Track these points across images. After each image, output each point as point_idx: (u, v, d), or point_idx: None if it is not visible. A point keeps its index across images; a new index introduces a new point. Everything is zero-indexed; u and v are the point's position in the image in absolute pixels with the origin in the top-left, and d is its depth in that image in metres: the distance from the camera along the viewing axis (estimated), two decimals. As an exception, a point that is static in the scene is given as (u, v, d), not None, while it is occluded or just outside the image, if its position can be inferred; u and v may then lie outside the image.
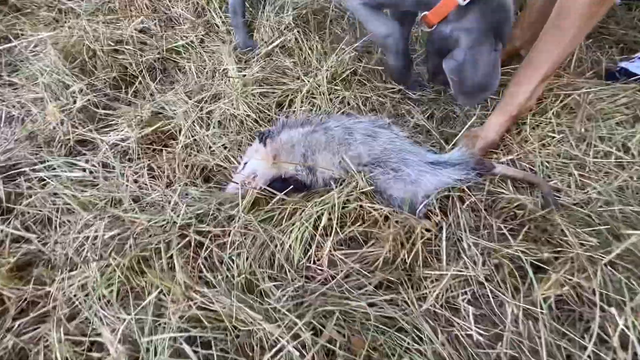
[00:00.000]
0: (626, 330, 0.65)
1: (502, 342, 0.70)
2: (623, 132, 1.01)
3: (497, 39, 0.89)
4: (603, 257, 0.79)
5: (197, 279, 0.75)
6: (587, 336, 0.69)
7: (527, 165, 0.99)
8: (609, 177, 0.96)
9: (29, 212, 0.89)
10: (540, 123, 1.05)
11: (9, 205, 0.91)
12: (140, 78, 1.20)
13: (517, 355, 0.69)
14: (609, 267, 0.76)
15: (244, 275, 0.72)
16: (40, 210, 0.89)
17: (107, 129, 1.10)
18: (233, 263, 0.74)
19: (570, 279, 0.75)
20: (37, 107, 1.12)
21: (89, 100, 1.12)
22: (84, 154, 1.03)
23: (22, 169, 0.97)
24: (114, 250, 0.78)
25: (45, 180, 0.93)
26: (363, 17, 1.04)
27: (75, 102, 1.11)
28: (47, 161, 0.99)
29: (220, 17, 1.41)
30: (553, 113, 1.05)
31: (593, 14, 0.84)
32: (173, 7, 1.45)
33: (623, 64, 1.23)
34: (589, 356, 0.66)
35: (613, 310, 0.66)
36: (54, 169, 0.98)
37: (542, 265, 0.80)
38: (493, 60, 0.91)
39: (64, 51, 1.21)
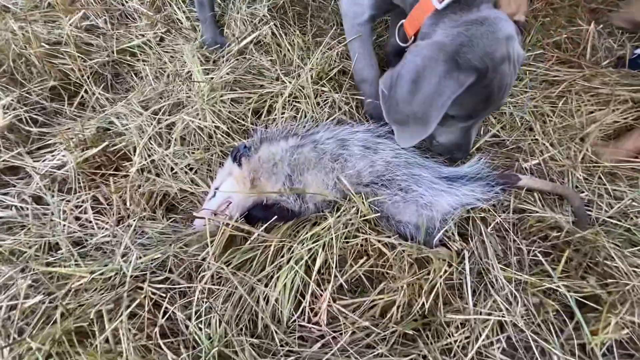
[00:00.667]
0: None
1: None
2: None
3: (464, 70, 0.61)
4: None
5: (154, 354, 0.56)
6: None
7: (551, 167, 0.84)
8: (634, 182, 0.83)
9: None
10: (564, 122, 0.90)
11: None
12: (85, 86, 0.99)
13: None
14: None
15: (216, 349, 0.53)
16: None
17: (44, 152, 0.89)
18: (201, 331, 0.56)
19: (630, 321, 0.60)
20: (-48, 128, 0.90)
21: (18, 116, 0.90)
22: (13, 186, 0.82)
23: None
24: (41, 321, 0.58)
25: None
26: (354, 48, 0.88)
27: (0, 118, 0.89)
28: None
29: (184, 12, 1.21)
30: (576, 112, 0.91)
31: None
32: (127, 2, 1.23)
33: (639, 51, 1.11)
34: None
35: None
36: (-28, 207, 0.77)
37: (587, 301, 0.65)
38: (446, 90, 0.62)
39: (-12, 57, 0.99)
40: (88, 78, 1.01)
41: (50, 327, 0.57)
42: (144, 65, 1.05)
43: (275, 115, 0.90)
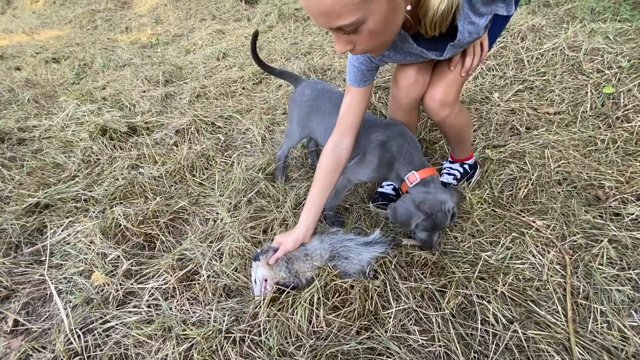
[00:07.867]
0: None
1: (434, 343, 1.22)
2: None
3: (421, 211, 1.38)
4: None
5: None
6: None
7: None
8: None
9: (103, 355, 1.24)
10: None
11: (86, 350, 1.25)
12: (161, 237, 1.70)
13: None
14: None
15: (276, 348, 1.17)
16: (118, 350, 1.25)
17: (146, 278, 1.53)
18: (263, 338, 1.19)
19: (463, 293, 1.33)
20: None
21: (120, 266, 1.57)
22: (138, 301, 1.44)
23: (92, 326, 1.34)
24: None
25: (114, 327, 1.31)
26: (337, 190, 1.62)
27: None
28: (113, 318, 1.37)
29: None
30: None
31: None
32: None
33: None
34: None
35: None
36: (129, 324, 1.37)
37: (441, 289, 1.38)
38: (410, 213, 1.41)
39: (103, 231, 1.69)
40: (160, 230, 1.73)
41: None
42: (193, 217, 1.80)
43: (275, 231, 1.65)
